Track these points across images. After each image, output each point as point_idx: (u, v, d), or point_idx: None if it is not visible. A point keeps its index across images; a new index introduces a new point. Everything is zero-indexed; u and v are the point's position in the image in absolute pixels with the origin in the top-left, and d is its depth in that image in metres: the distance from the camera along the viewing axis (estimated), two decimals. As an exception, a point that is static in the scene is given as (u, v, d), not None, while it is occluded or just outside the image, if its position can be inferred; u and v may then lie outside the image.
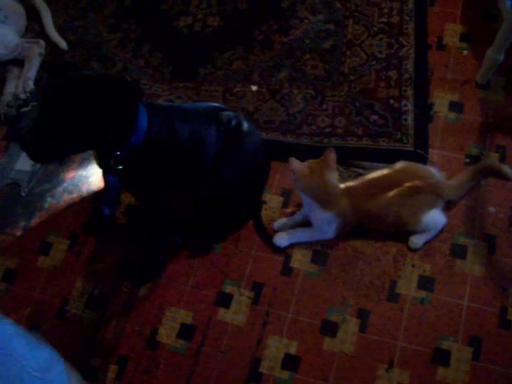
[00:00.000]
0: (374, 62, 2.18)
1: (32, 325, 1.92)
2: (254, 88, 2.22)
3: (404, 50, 2.19)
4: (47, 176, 2.20)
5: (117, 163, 1.61)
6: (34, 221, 2.12)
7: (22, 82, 2.33)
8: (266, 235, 1.93)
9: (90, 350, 1.86)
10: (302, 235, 1.90)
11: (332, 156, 1.76)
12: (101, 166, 1.69)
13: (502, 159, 1.96)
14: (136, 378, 1.80)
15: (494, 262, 1.80)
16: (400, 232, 1.84)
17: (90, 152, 2.08)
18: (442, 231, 1.85)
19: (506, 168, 1.91)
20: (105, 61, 2.39)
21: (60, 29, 2.49)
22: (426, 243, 1.84)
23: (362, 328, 1.76)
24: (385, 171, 1.84)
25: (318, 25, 2.32)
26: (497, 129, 2.01)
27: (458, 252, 1.83)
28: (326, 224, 1.82)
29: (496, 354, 1.67)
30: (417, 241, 1.83)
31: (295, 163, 1.75)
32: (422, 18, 2.24)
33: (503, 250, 1.81)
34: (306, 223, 1.89)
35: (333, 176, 1.77)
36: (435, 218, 1.81)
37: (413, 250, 1.84)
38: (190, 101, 2.22)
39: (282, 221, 1.94)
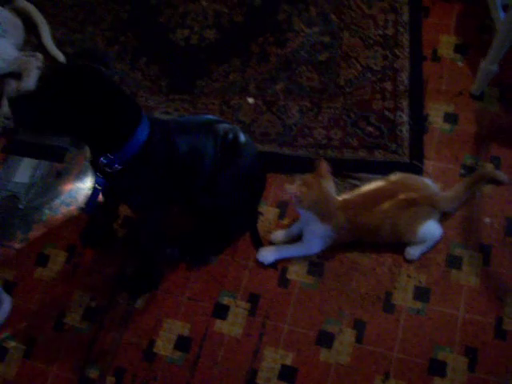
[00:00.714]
0: (369, 74, 2.20)
1: (29, 337, 1.93)
2: (250, 100, 2.24)
3: (399, 61, 2.21)
4: (45, 188, 2.21)
5: (107, 165, 1.60)
6: (32, 233, 2.12)
7: (21, 95, 2.34)
8: (261, 246, 1.94)
9: (87, 361, 1.86)
10: (287, 251, 1.91)
11: (324, 165, 1.77)
12: (91, 163, 1.69)
13: (497, 169, 1.97)
14: (133, 390, 1.81)
15: (490, 273, 1.81)
16: (396, 243, 1.85)
17: (88, 166, 2.11)
18: (437, 242, 1.86)
19: (499, 172, 1.93)
20: (102, 73, 2.40)
21: (58, 42, 2.51)
22: (422, 254, 1.84)
23: (359, 339, 1.77)
24: (380, 183, 1.85)
25: (313, 37, 2.34)
26: (491, 139, 2.03)
27: (454, 263, 1.84)
28: (318, 238, 1.83)
29: (492, 365, 1.68)
30: (413, 252, 1.83)
31: (291, 187, 1.75)
32: (417, 29, 2.27)
33: (498, 260, 1.82)
34: (301, 236, 1.90)
35: (330, 186, 1.78)
36: (431, 229, 1.82)
37: (409, 261, 1.85)
38: (187, 113, 2.23)
39: (279, 233, 1.95)
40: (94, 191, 1.68)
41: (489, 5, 2.10)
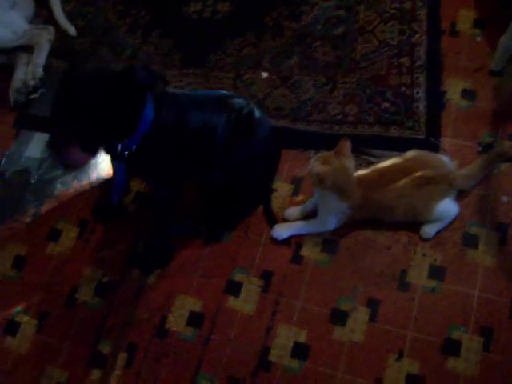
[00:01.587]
0: (386, 49, 2.15)
1: (42, 312, 1.93)
2: (264, 75, 2.20)
3: (416, 36, 2.16)
4: (57, 163, 2.20)
5: (123, 151, 1.62)
6: (44, 208, 2.12)
7: (32, 69, 2.32)
8: (275, 223, 1.92)
9: (100, 337, 1.86)
10: (302, 227, 1.89)
11: (347, 145, 1.74)
12: (108, 151, 1.69)
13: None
14: (145, 366, 1.80)
15: (506, 253, 1.78)
16: (411, 221, 1.83)
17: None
18: (453, 220, 1.83)
19: None
20: (114, 47, 2.38)
21: (69, 15, 2.48)
22: (437, 233, 1.82)
23: (372, 317, 1.75)
24: (396, 160, 1.82)
25: (329, 11, 2.29)
26: (510, 117, 1.98)
27: (470, 241, 1.81)
28: (334, 214, 1.81)
29: (507, 345, 1.66)
30: (428, 230, 1.81)
31: (315, 166, 1.72)
32: (435, 3, 2.21)
33: (515, 239, 1.79)
34: (315, 213, 1.88)
35: (352, 166, 1.76)
36: (447, 207, 1.79)
37: (424, 240, 1.82)
38: (201, 87, 2.21)
39: (293, 210, 1.93)
40: (118, 179, 1.69)
41: (510, -22, 2.05)
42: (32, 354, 1.88)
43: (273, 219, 1.93)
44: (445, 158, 1.85)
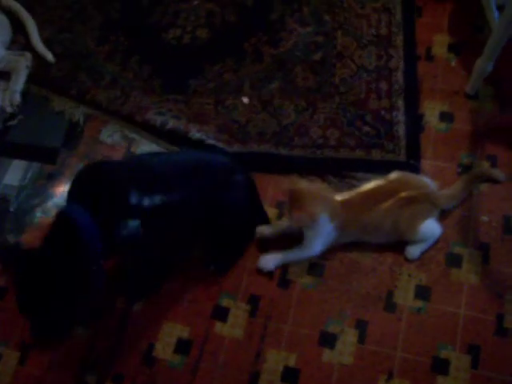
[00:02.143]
0: (364, 74, 2.20)
1: (25, 343, 1.88)
2: (245, 100, 2.22)
3: (393, 61, 2.21)
4: (36, 191, 2.17)
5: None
6: (24, 236, 2.08)
7: (9, 96, 2.30)
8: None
9: (85, 367, 1.82)
10: (288, 256, 1.89)
11: (295, 180, 1.80)
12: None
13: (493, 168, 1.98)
14: (134, 395, 1.77)
15: (489, 271, 1.82)
16: (395, 242, 1.85)
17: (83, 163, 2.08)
18: (437, 240, 1.86)
19: (496, 171, 1.95)
20: (93, 73, 2.37)
21: (46, 41, 2.46)
22: (422, 253, 1.84)
23: (361, 339, 1.76)
24: (380, 182, 1.85)
25: (307, 37, 2.33)
26: (487, 138, 2.04)
27: (454, 261, 1.84)
28: (320, 238, 1.82)
29: (494, 362, 1.68)
30: (413, 251, 1.83)
31: (300, 217, 1.74)
32: (410, 29, 2.27)
33: (497, 258, 1.82)
34: (289, 234, 1.89)
35: (318, 185, 1.84)
36: (431, 227, 1.82)
37: (410, 261, 1.85)
38: (182, 115, 2.21)
39: (263, 228, 1.93)
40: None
41: (483, 5, 2.12)
42: (14, 387, 1.84)
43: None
44: (426, 179, 1.89)
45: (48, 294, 1.54)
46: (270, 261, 1.88)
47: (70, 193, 1.66)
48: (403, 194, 1.78)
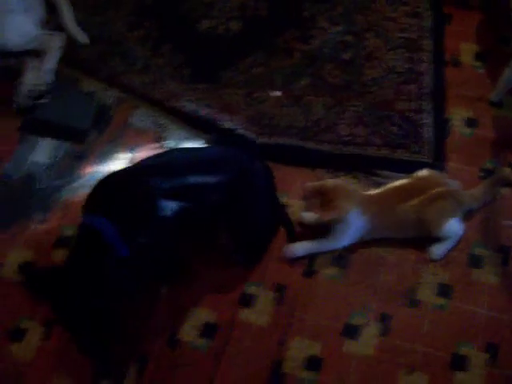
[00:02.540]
0: (393, 75, 2.25)
1: (46, 322, 1.89)
2: (275, 94, 2.26)
3: (422, 65, 2.26)
4: (63, 170, 2.18)
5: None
6: (50, 215, 2.09)
7: (42, 74, 2.30)
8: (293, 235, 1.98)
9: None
10: (314, 246, 1.93)
11: (312, 186, 1.84)
12: None
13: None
14: (157, 377, 1.79)
15: (508, 273, 1.88)
16: (419, 239, 1.90)
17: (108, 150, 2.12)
18: (459, 241, 1.91)
19: None
20: (126, 58, 2.40)
21: (79, 24, 2.47)
22: (445, 254, 1.90)
23: (384, 332, 1.80)
24: (409, 179, 1.91)
25: (337, 36, 2.38)
26: (509, 145, 2.10)
27: (475, 262, 1.90)
28: (349, 231, 1.87)
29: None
30: (437, 251, 1.88)
31: (327, 215, 1.80)
32: (439, 35, 2.33)
33: (517, 261, 1.89)
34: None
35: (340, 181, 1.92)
36: (456, 225, 1.88)
37: (433, 261, 1.90)
38: (214, 102, 2.24)
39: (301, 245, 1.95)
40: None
41: (512, 17, 2.18)
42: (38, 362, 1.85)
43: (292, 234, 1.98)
44: (452, 181, 1.95)
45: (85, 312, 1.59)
46: (298, 249, 1.92)
47: (91, 202, 1.69)
48: (431, 191, 1.84)
